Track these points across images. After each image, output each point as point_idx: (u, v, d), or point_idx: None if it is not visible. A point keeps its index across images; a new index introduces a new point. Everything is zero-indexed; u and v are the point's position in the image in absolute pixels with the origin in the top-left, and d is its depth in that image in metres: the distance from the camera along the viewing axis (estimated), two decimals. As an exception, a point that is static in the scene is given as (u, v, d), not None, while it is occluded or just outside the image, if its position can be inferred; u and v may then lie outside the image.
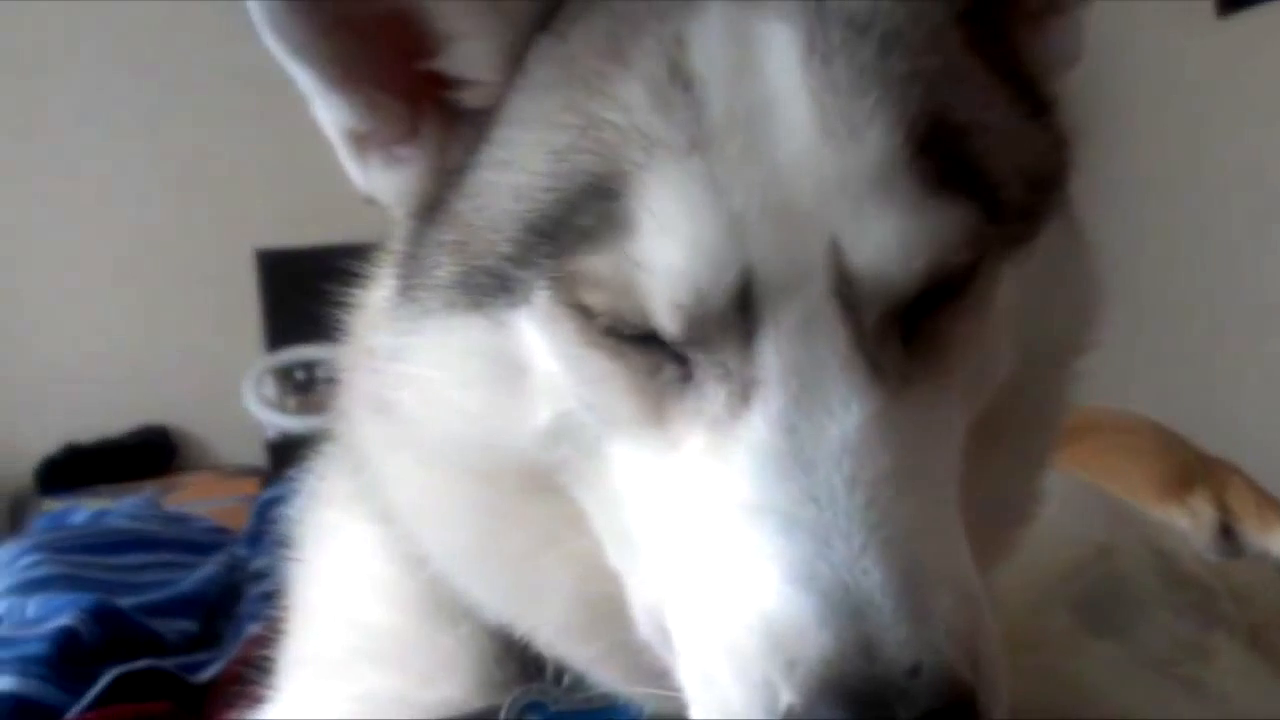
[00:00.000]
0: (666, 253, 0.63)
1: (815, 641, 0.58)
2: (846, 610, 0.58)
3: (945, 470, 0.67)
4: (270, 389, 4.55)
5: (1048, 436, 0.84)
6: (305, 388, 4.50)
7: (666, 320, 0.64)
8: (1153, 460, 1.78)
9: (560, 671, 0.81)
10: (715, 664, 0.62)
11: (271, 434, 4.55)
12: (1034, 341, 0.75)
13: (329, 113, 0.77)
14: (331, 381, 0.95)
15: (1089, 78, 0.82)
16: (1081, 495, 1.26)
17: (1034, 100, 0.76)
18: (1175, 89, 3.94)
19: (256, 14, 0.72)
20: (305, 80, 0.75)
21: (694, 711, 0.64)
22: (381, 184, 0.79)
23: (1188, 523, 1.70)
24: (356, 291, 0.90)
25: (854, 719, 0.56)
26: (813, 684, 0.57)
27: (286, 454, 4.00)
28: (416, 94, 0.76)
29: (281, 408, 4.53)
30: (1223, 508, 1.74)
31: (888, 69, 0.66)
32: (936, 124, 0.66)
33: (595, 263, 0.65)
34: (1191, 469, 1.79)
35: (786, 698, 0.58)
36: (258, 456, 4.60)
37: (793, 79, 0.65)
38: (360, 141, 0.77)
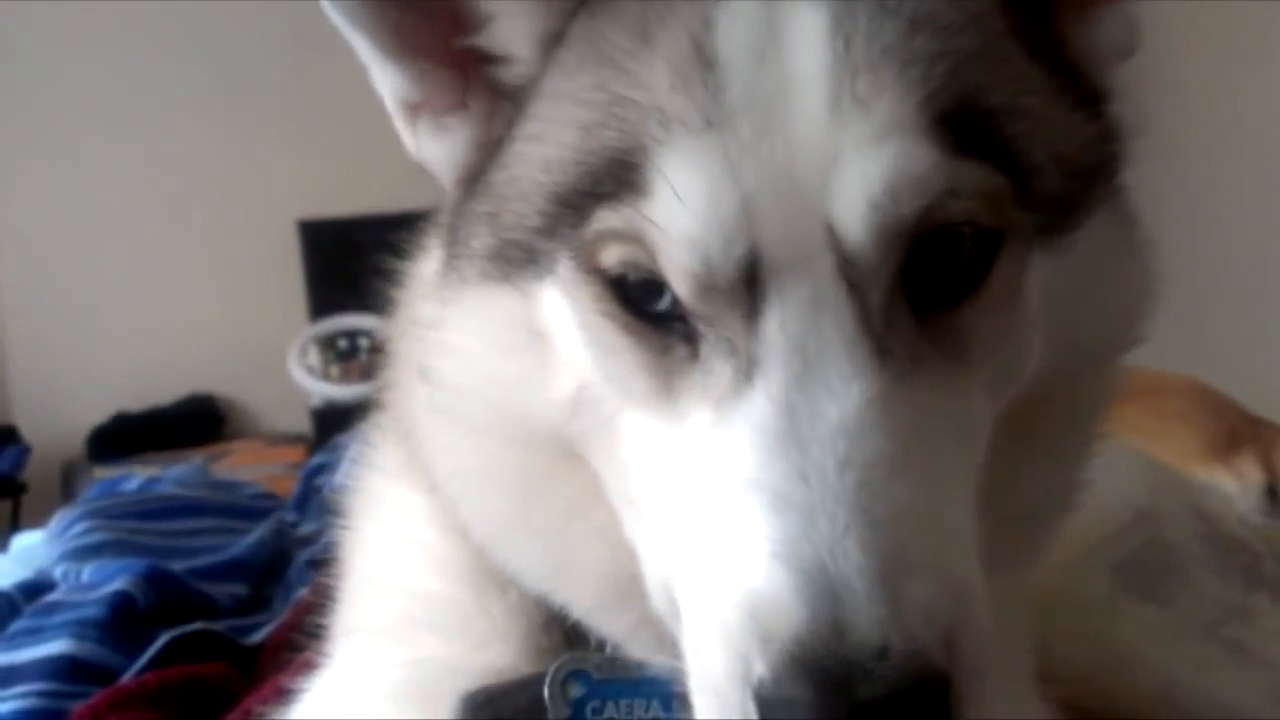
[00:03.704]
0: (681, 220, 0.64)
1: (790, 619, 0.58)
2: (823, 589, 0.58)
3: (956, 458, 0.67)
4: (314, 358, 4.60)
5: (1087, 432, 0.82)
6: (348, 356, 4.56)
7: (677, 283, 0.65)
8: (1200, 422, 1.76)
9: (603, 640, 0.82)
10: (705, 635, 0.63)
11: (316, 402, 4.60)
12: (1072, 337, 0.73)
13: (384, 81, 0.79)
14: (375, 350, 0.96)
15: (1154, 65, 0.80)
16: (1122, 460, 1.25)
17: (1081, 90, 0.75)
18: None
19: None
20: (362, 48, 0.77)
21: (690, 682, 0.65)
22: (430, 152, 0.80)
23: (1234, 484, 1.69)
24: (404, 264, 0.92)
25: (817, 696, 0.57)
26: (783, 659, 0.58)
27: (331, 421, 4.06)
28: (466, 67, 0.78)
29: (325, 376, 4.58)
30: (1270, 469, 1.72)
31: (913, 48, 0.65)
32: (963, 103, 0.65)
33: (611, 218, 0.66)
34: (1239, 430, 1.76)
35: (758, 670, 0.59)
36: (303, 424, 4.66)
37: (813, 61, 0.65)
38: (412, 110, 0.79)
